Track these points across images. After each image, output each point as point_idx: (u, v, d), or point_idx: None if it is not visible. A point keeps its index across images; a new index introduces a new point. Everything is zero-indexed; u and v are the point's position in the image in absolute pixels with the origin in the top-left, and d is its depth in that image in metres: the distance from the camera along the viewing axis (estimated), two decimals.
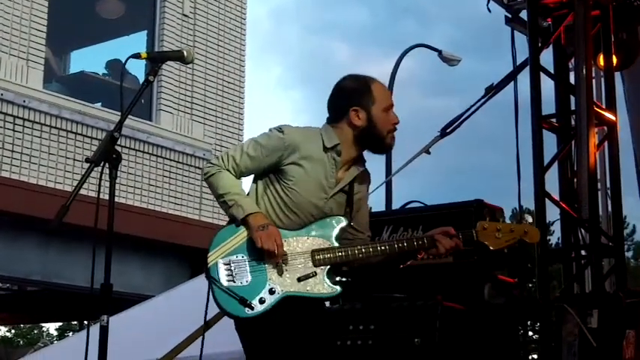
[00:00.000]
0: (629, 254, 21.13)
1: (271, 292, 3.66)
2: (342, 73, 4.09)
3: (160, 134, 11.41)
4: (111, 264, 3.37)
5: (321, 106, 4.00)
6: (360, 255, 3.80)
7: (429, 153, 6.99)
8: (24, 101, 9.99)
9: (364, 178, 4.01)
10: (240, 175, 3.85)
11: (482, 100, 6.85)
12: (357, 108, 3.84)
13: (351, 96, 3.90)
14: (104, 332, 3.33)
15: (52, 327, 31.77)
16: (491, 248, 3.83)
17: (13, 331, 33.08)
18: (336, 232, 3.80)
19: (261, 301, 3.63)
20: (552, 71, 6.81)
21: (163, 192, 11.41)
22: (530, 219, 4.42)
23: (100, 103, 11.01)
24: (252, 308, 3.62)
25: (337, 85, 3.98)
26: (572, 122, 6.51)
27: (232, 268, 3.71)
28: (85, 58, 12.43)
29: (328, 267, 3.75)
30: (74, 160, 10.24)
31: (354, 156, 3.92)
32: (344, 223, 3.83)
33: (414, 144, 6.89)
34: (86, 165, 3.44)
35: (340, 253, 3.76)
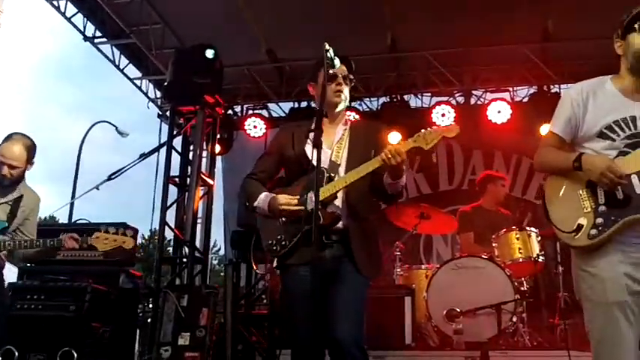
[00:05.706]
0: (215, 262, 21.84)
1: None
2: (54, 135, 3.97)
3: None
4: None
5: None
6: (13, 244, 3.59)
7: (98, 189, 6.92)
8: None
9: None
10: None
11: (137, 160, 6.92)
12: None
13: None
14: None
15: None
16: (99, 249, 3.59)
17: None
18: None
19: None
20: (180, 150, 7.02)
21: None
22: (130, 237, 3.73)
23: None
24: None
25: None
26: (187, 181, 6.68)
27: None
28: None
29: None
30: None
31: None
32: (5, 225, 3.59)
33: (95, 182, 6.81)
34: None
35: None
